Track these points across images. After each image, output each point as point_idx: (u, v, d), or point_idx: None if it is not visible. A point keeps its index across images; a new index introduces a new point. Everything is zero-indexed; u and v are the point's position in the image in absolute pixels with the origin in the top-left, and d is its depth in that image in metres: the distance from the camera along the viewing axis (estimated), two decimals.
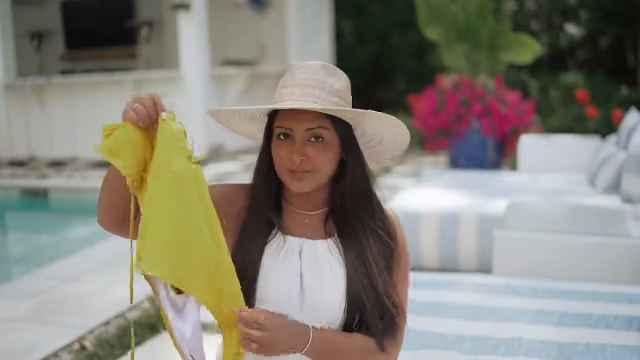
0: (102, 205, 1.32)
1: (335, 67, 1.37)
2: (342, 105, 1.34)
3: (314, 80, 1.32)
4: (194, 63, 7.97)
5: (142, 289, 1.36)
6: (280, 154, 1.32)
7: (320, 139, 1.31)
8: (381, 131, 1.39)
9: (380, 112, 1.33)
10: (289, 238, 1.38)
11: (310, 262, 1.36)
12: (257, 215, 1.38)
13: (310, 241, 1.38)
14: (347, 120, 1.35)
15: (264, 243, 1.37)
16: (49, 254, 4.74)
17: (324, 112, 1.30)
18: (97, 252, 4.29)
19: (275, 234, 1.38)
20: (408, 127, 1.45)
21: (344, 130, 1.34)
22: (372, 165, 1.47)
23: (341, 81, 1.36)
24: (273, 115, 1.35)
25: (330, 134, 1.31)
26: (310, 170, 1.31)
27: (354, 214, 1.38)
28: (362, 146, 1.41)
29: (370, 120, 1.35)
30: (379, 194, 1.43)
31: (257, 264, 1.34)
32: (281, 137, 1.32)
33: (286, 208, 1.41)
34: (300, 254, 1.36)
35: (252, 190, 1.41)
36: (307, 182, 1.32)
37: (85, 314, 3.12)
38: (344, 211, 1.38)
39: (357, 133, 1.39)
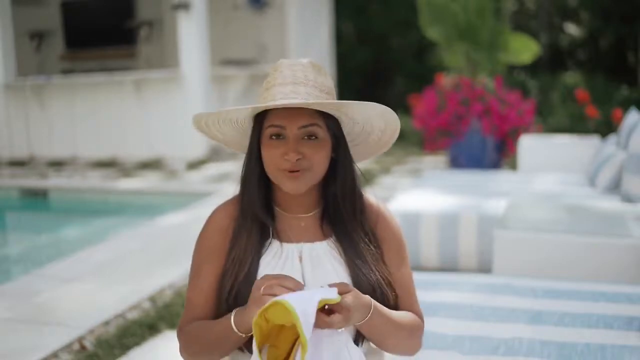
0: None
1: (320, 64, 1.35)
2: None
3: (304, 77, 1.29)
4: (194, 63, 7.97)
5: (143, 289, 1.36)
6: (274, 154, 1.29)
7: (314, 137, 1.29)
8: (370, 122, 1.37)
9: (370, 102, 1.31)
10: (286, 245, 1.35)
11: (312, 265, 1.33)
12: (247, 224, 1.35)
13: (309, 244, 1.36)
14: (338, 115, 1.33)
15: (259, 254, 1.33)
16: (49, 254, 4.74)
17: (317, 107, 1.28)
18: (97, 252, 4.29)
19: (271, 243, 1.35)
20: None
21: (335, 128, 1.33)
22: (363, 158, 1.47)
23: (328, 79, 1.34)
24: (262, 116, 1.32)
25: (323, 132, 1.30)
26: (306, 167, 1.29)
27: (346, 212, 1.37)
28: (353, 141, 1.40)
29: (359, 112, 1.33)
30: (362, 185, 1.43)
31: (253, 277, 1.31)
32: (273, 137, 1.29)
33: (279, 214, 1.39)
34: (300, 259, 1.34)
35: (241, 199, 1.38)
36: (303, 181, 1.30)
37: (85, 314, 3.11)
38: (337, 211, 1.37)
39: (347, 128, 1.37)
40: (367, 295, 1.27)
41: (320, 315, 1.16)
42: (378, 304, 1.29)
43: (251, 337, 1.19)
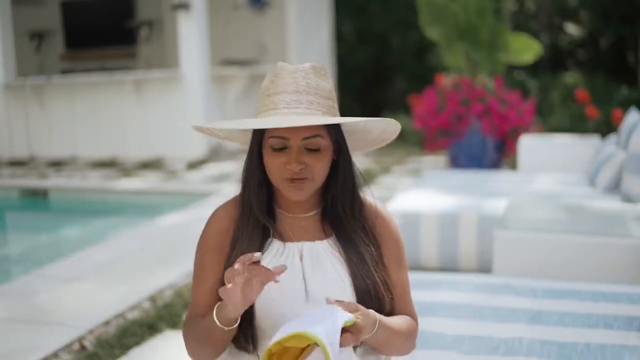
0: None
1: (322, 66, 1.35)
2: (333, 105, 1.33)
3: (306, 85, 1.29)
4: (194, 63, 7.97)
5: (143, 289, 1.36)
6: (277, 164, 1.29)
7: (317, 148, 1.29)
8: (371, 125, 1.39)
9: (377, 118, 1.33)
10: (287, 244, 1.36)
11: (312, 264, 1.34)
12: (248, 225, 1.36)
13: (309, 243, 1.37)
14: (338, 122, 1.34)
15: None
16: (49, 254, 4.74)
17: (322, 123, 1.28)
18: (97, 252, 4.29)
19: (271, 242, 1.36)
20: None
21: (336, 133, 1.34)
22: (362, 149, 1.48)
23: (328, 81, 1.34)
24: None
25: (325, 141, 1.30)
26: (308, 177, 1.30)
27: (346, 213, 1.38)
28: (354, 135, 1.41)
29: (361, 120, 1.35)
30: (362, 186, 1.44)
31: None
32: (276, 147, 1.29)
33: (279, 214, 1.40)
34: (301, 257, 1.35)
35: (242, 200, 1.39)
36: (306, 190, 1.31)
37: (85, 313, 3.12)
38: (337, 210, 1.38)
39: (348, 127, 1.38)
40: (371, 310, 1.28)
41: None
42: (382, 318, 1.31)
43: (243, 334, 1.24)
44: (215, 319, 1.24)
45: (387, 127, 1.39)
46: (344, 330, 1.21)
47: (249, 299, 1.19)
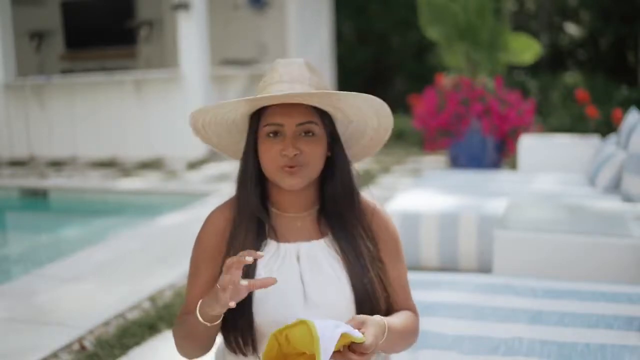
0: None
1: (314, 66, 1.38)
2: None
3: (300, 75, 1.32)
4: (194, 63, 7.97)
5: (143, 289, 1.36)
6: (272, 151, 1.30)
7: (311, 134, 1.31)
8: (365, 120, 1.39)
9: (369, 95, 1.33)
10: (283, 245, 1.36)
11: (309, 264, 1.34)
12: (244, 225, 1.36)
13: (306, 244, 1.37)
14: (333, 113, 1.35)
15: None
16: (49, 254, 4.74)
17: (316, 102, 1.29)
18: (97, 252, 4.29)
19: (267, 244, 1.36)
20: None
21: (330, 125, 1.35)
22: (355, 160, 1.48)
23: (323, 79, 1.36)
24: (258, 115, 1.33)
25: (319, 129, 1.32)
26: (303, 163, 1.30)
27: (344, 210, 1.38)
28: (346, 143, 1.41)
29: (355, 107, 1.35)
30: (359, 184, 1.44)
31: (251, 278, 1.30)
32: (271, 135, 1.30)
33: (275, 214, 1.40)
34: (298, 259, 1.35)
35: (237, 199, 1.39)
36: (300, 177, 1.31)
37: (85, 314, 3.11)
38: (334, 209, 1.38)
39: (342, 128, 1.39)
40: (378, 316, 1.28)
41: (347, 354, 1.18)
42: (389, 321, 1.31)
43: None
44: (198, 314, 1.25)
45: (379, 124, 1.40)
46: (360, 351, 1.20)
47: (232, 300, 1.17)
